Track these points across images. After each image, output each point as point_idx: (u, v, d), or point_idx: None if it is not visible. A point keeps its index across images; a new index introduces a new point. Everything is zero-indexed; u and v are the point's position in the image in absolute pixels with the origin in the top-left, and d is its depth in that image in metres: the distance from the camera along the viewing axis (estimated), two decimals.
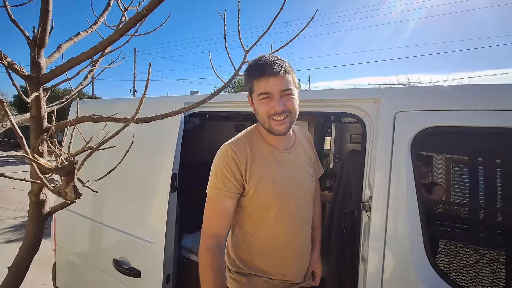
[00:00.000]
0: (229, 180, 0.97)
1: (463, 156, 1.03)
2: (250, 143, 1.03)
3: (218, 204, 0.98)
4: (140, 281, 1.56)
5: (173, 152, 1.50)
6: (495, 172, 0.95)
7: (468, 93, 0.96)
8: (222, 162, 0.98)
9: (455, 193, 1.00)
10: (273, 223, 1.03)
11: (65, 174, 0.49)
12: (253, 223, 1.05)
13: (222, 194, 0.97)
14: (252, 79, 0.98)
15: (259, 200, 1.01)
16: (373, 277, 1.02)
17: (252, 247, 1.06)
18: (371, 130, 1.14)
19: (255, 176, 0.99)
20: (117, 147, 0.78)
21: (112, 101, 2.12)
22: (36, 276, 3.14)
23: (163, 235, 1.47)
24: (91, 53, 0.64)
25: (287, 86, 0.96)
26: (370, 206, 1.07)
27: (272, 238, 1.04)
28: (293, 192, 1.06)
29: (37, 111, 0.73)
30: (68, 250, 2.03)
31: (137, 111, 0.62)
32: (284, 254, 1.06)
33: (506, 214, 0.93)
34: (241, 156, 0.98)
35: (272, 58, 0.97)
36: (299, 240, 1.10)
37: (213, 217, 0.99)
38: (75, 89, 1.12)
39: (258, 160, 1.01)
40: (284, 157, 1.07)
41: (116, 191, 1.77)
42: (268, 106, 0.97)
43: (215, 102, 1.55)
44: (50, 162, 0.51)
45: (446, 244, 1.00)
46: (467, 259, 0.94)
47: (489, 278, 0.90)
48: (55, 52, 0.85)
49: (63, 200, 0.72)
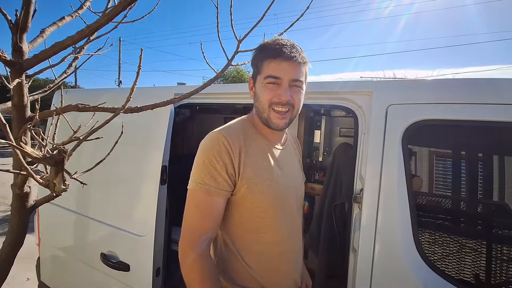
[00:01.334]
0: (219, 174, 0.80)
1: (454, 149, 1.05)
2: (244, 133, 0.89)
3: (207, 203, 0.81)
4: (129, 275, 1.53)
5: (163, 144, 1.47)
6: (486, 165, 0.98)
7: (460, 86, 0.98)
8: (212, 151, 0.81)
9: (444, 185, 1.02)
10: (268, 229, 0.88)
11: (54, 164, 0.46)
12: (245, 230, 0.88)
13: (211, 191, 0.80)
14: (263, 58, 0.85)
15: (252, 200, 0.85)
16: (363, 267, 1.05)
17: (244, 260, 0.88)
18: (363, 123, 1.14)
19: (249, 170, 0.84)
20: (102, 138, 0.75)
21: (98, 91, 2.05)
22: (19, 271, 3.05)
23: (153, 228, 1.45)
24: (78, 37, 0.60)
25: (299, 77, 0.85)
26: (361, 198, 1.08)
27: (267, 247, 0.89)
28: (289, 194, 0.94)
29: (19, 99, 0.69)
30: (53, 245, 1.97)
31: (128, 100, 0.59)
32: (279, 266, 0.91)
33: (494, 206, 0.96)
34: (234, 145, 0.82)
35: (290, 42, 0.85)
36: (294, 249, 0.97)
37: (202, 219, 0.81)
38: (59, 78, 1.06)
39: (253, 154, 0.87)
40: (280, 154, 0.95)
41: (102, 184, 1.73)
42: (273, 92, 0.84)
43: (206, 93, 1.52)
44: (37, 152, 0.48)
45: (434, 235, 1.02)
46: (455, 249, 0.97)
47: (473, 267, 0.94)
48: (38, 37, 0.80)
49: (49, 192, 0.69)
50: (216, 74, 0.93)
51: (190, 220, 0.82)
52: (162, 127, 1.49)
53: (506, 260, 0.93)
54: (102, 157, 0.81)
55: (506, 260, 0.93)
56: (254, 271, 0.88)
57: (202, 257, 0.78)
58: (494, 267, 0.93)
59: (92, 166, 0.72)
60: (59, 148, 0.45)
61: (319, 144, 2.56)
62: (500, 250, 0.94)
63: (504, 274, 0.93)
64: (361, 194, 1.08)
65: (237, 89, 1.50)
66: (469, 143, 1.03)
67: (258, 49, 0.89)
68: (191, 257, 0.78)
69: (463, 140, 1.03)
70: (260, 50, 0.89)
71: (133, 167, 1.60)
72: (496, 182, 0.94)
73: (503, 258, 0.93)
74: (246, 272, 0.88)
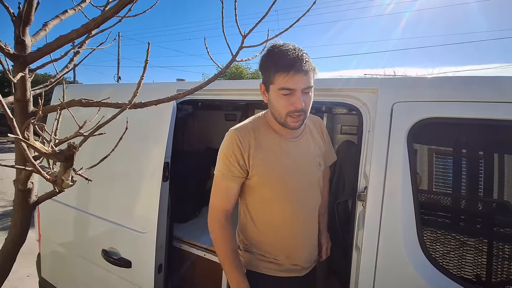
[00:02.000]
0: (232, 165, 1.01)
1: (460, 148, 1.04)
2: (255, 130, 1.05)
3: (223, 186, 1.04)
4: (130, 271, 1.53)
5: (165, 141, 1.46)
6: (493, 163, 0.97)
7: (467, 84, 0.97)
8: (227, 148, 1.02)
9: (449, 184, 1.02)
10: (277, 210, 1.05)
11: (64, 159, 0.45)
12: (258, 209, 1.08)
13: (226, 177, 1.02)
14: (276, 71, 0.94)
15: (263, 187, 1.04)
16: (366, 265, 1.04)
17: (258, 228, 1.08)
18: (368, 120, 1.14)
19: (258, 163, 1.01)
20: (103, 134, 0.74)
21: (98, 86, 2.03)
22: (20, 266, 3.04)
23: (155, 225, 1.44)
24: (83, 30, 0.59)
25: (310, 84, 0.95)
26: (365, 196, 1.08)
27: (277, 223, 1.06)
28: (298, 180, 1.07)
29: (23, 93, 0.68)
30: (53, 241, 1.97)
31: (134, 95, 0.58)
32: (289, 240, 1.08)
33: (497, 204, 0.96)
34: (245, 143, 1.01)
35: (298, 52, 0.93)
36: (305, 226, 1.11)
37: (220, 198, 1.05)
38: (60, 72, 1.05)
39: (263, 148, 1.03)
40: (290, 146, 1.08)
41: (103, 180, 1.71)
42: (289, 101, 0.95)
43: (209, 90, 1.50)
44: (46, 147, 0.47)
45: (439, 233, 1.02)
46: (460, 248, 0.97)
47: (480, 266, 0.94)
48: (40, 30, 0.78)
49: (50, 188, 0.67)
50: (221, 70, 0.92)
51: (212, 199, 1.06)
52: (164, 124, 1.48)
53: (508, 258, 0.93)
54: (103, 153, 0.80)
55: (508, 258, 0.93)
56: (267, 239, 1.08)
57: (221, 226, 1.03)
58: (500, 265, 0.93)
59: (97, 162, 0.71)
60: (69, 144, 0.44)
61: None
62: (502, 248, 0.94)
63: (506, 272, 0.92)
64: (365, 192, 1.08)
65: (240, 86, 1.49)
66: (475, 142, 1.02)
67: (268, 56, 0.97)
68: (213, 227, 1.04)
69: (469, 138, 1.03)
70: (270, 59, 0.97)
71: (135, 164, 1.59)
72: (502, 180, 0.93)
73: (505, 256, 0.93)
74: (259, 236, 1.08)
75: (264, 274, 1.08)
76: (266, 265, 1.08)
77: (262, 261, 1.08)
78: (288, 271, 1.09)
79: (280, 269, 1.08)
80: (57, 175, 0.49)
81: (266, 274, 1.08)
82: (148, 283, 1.47)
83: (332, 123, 2.63)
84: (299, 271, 1.12)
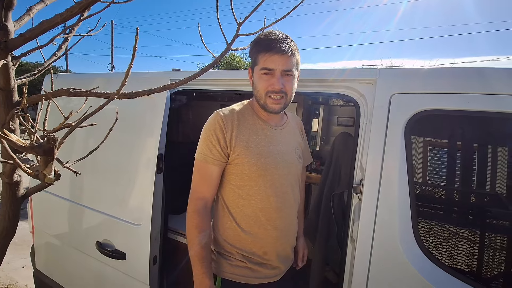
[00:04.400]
0: (214, 147, 0.98)
1: (457, 140, 1.03)
2: (240, 114, 1.04)
3: (204, 169, 1.01)
4: (125, 263, 1.52)
5: (159, 132, 1.43)
6: (486, 156, 0.96)
7: (466, 76, 0.95)
8: (210, 128, 1.00)
9: (445, 176, 1.01)
10: (257, 196, 1.01)
11: (43, 153, 0.43)
12: (237, 196, 1.03)
13: (208, 160, 0.99)
14: (258, 52, 0.98)
15: (243, 170, 1.00)
16: (361, 256, 1.05)
17: (235, 221, 1.03)
18: (365, 112, 1.12)
19: (240, 145, 0.99)
20: (96, 125, 0.72)
21: (89, 76, 1.97)
22: (14, 257, 3.03)
23: (149, 217, 1.43)
24: (67, 15, 0.55)
25: (290, 68, 0.96)
26: (361, 188, 1.07)
27: (256, 211, 1.01)
28: (280, 168, 1.04)
29: (6, 82, 0.64)
30: (47, 233, 1.95)
31: (123, 84, 0.55)
32: (266, 230, 1.02)
33: (492, 196, 0.96)
34: (227, 123, 0.99)
35: (281, 35, 0.96)
36: (283, 218, 1.06)
37: (200, 182, 1.02)
38: (48, 60, 1.01)
39: (246, 131, 1.02)
40: (274, 133, 1.07)
41: (96, 172, 1.69)
42: (268, 82, 0.97)
43: (203, 80, 1.47)
44: (24, 140, 0.44)
45: (433, 225, 1.02)
46: (454, 240, 0.97)
47: (476, 259, 0.94)
48: (24, 15, 0.74)
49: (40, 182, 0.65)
50: (216, 59, 0.89)
51: (192, 182, 1.03)
52: (158, 114, 1.45)
53: (499, 249, 0.93)
54: (96, 143, 0.77)
55: (498, 249, 0.93)
56: (245, 231, 1.02)
57: (196, 213, 0.99)
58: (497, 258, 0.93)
59: (86, 155, 0.68)
60: (48, 136, 0.41)
61: (316, 134, 2.54)
62: (494, 239, 0.95)
63: (497, 262, 0.93)
64: (361, 185, 1.07)
65: (235, 76, 1.45)
66: (475, 134, 1.01)
67: (253, 42, 1.00)
68: (188, 210, 1.01)
69: (468, 130, 1.01)
70: (255, 44, 1.00)
71: (129, 155, 1.56)
72: (497, 173, 0.93)
73: (496, 247, 0.94)
74: (236, 231, 1.03)
75: (237, 282, 1.02)
76: (239, 271, 1.02)
77: (236, 267, 1.02)
78: (264, 277, 1.04)
79: (254, 276, 1.03)
80: (38, 170, 0.46)
81: (238, 282, 1.02)
82: (143, 275, 1.46)
83: (328, 114, 2.61)
84: (274, 274, 1.06)
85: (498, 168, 0.92)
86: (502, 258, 0.93)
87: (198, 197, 1.01)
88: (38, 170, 0.46)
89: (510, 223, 0.96)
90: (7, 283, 2.73)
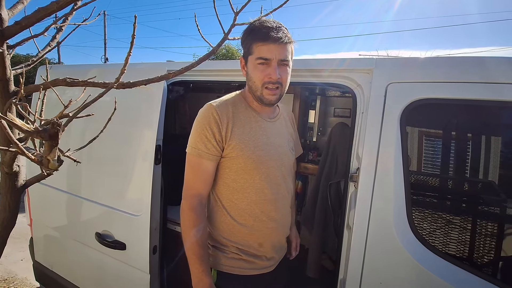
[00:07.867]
0: (209, 141, 0.95)
1: (451, 128, 1.05)
2: (234, 106, 1.01)
3: (198, 165, 0.97)
4: (125, 253, 1.54)
5: (157, 123, 1.43)
6: (480, 144, 0.98)
7: (462, 65, 0.96)
8: (204, 121, 0.96)
9: (440, 165, 1.03)
10: (252, 189, 1.00)
11: (49, 138, 0.43)
12: (232, 190, 1.01)
13: (202, 155, 0.96)
14: (253, 41, 0.95)
15: (238, 163, 0.98)
16: (357, 243, 1.07)
17: (230, 214, 1.02)
18: (362, 101, 1.13)
19: (235, 138, 0.97)
20: (93, 116, 0.72)
21: (84, 67, 1.94)
22: (12, 250, 3.04)
23: (149, 208, 1.44)
24: (63, 2, 0.55)
25: (287, 57, 0.95)
26: (357, 177, 1.09)
27: (251, 204, 1.01)
28: (274, 160, 1.04)
29: (2, 71, 0.64)
30: (46, 225, 1.95)
31: (122, 72, 0.55)
32: (262, 222, 1.02)
33: (484, 184, 0.98)
34: (223, 116, 0.96)
35: (276, 23, 0.94)
36: (278, 209, 1.06)
37: (194, 178, 0.99)
38: (43, 51, 1.00)
39: (241, 124, 0.99)
40: (267, 125, 1.06)
41: (94, 164, 1.69)
42: (264, 72, 0.94)
43: (200, 70, 1.46)
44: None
45: (427, 212, 1.05)
46: (448, 226, 1.00)
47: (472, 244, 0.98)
48: (18, 3, 0.73)
49: (39, 172, 0.65)
50: (213, 48, 0.89)
51: (186, 178, 1.00)
52: (155, 105, 1.44)
53: (490, 235, 0.97)
54: (92, 136, 0.78)
55: (489, 235, 0.96)
56: (240, 224, 1.01)
57: (192, 210, 0.96)
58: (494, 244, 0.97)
59: (85, 144, 0.69)
60: (53, 121, 0.42)
61: (313, 124, 2.55)
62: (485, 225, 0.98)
63: (487, 247, 0.96)
64: (358, 173, 1.09)
65: (232, 66, 1.44)
66: (471, 123, 1.03)
67: (247, 31, 0.97)
68: (183, 208, 0.98)
69: (464, 120, 1.03)
70: (249, 33, 0.96)
71: (127, 147, 1.56)
72: (490, 161, 0.95)
73: (487, 233, 0.97)
74: (231, 225, 1.02)
75: (232, 274, 1.02)
76: (235, 263, 1.02)
77: (232, 259, 1.02)
78: (260, 268, 1.05)
79: (250, 267, 1.03)
80: (42, 156, 0.47)
81: (234, 274, 1.02)
82: (143, 264, 1.48)
83: (325, 105, 2.62)
84: (270, 265, 1.07)
85: (491, 156, 0.95)
86: (492, 243, 0.96)
87: (193, 194, 0.98)
88: (42, 156, 0.46)
89: (500, 210, 0.99)
90: (6, 276, 2.74)
